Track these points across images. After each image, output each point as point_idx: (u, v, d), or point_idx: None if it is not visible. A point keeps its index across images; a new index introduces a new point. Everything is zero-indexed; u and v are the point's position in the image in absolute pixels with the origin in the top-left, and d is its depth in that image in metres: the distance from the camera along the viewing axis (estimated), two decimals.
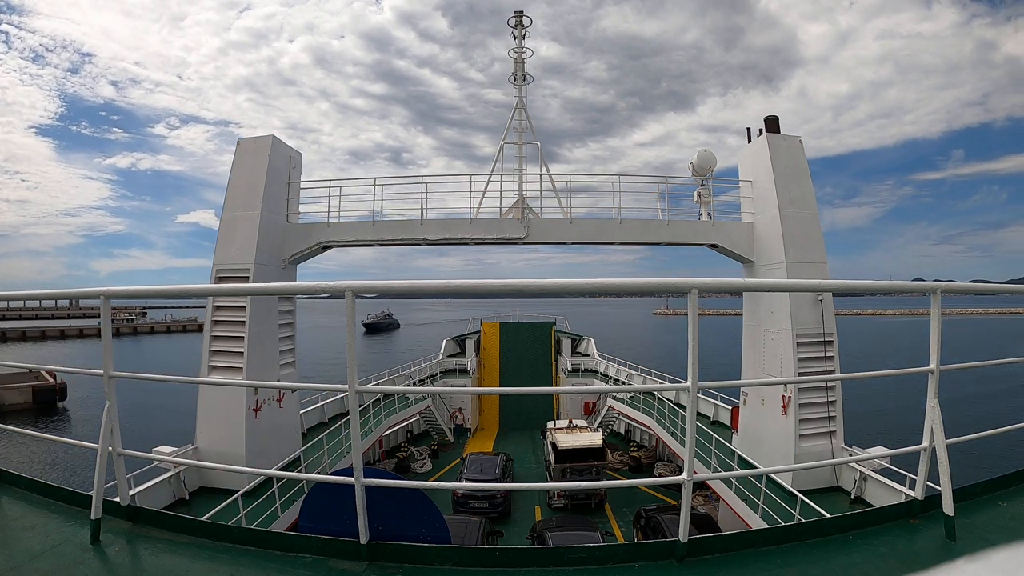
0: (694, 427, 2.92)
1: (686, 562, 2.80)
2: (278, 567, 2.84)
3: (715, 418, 20.57)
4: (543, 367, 35.26)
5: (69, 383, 43.64)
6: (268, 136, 15.21)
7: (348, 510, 2.86)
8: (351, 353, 2.80)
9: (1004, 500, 3.45)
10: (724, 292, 3.50)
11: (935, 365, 3.11)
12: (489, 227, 15.82)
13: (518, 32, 19.31)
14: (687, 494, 2.85)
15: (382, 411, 21.81)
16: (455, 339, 37.20)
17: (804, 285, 3.45)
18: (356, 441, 2.91)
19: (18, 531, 3.25)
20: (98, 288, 3.14)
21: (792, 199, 14.46)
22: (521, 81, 19.22)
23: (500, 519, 18.29)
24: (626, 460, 25.14)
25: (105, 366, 3.19)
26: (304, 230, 15.98)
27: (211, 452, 13.69)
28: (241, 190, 14.78)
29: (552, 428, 23.20)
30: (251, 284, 13.23)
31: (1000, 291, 4.00)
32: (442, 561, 2.83)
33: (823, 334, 13.79)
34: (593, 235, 15.97)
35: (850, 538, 3.03)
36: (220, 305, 14.14)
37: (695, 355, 2.77)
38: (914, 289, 3.26)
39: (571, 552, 2.85)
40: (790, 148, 15.04)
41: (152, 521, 3.31)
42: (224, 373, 13.91)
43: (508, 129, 19.00)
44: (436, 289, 3.15)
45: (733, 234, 15.77)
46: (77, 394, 44.10)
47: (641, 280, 3.00)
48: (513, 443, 28.30)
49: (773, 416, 14.24)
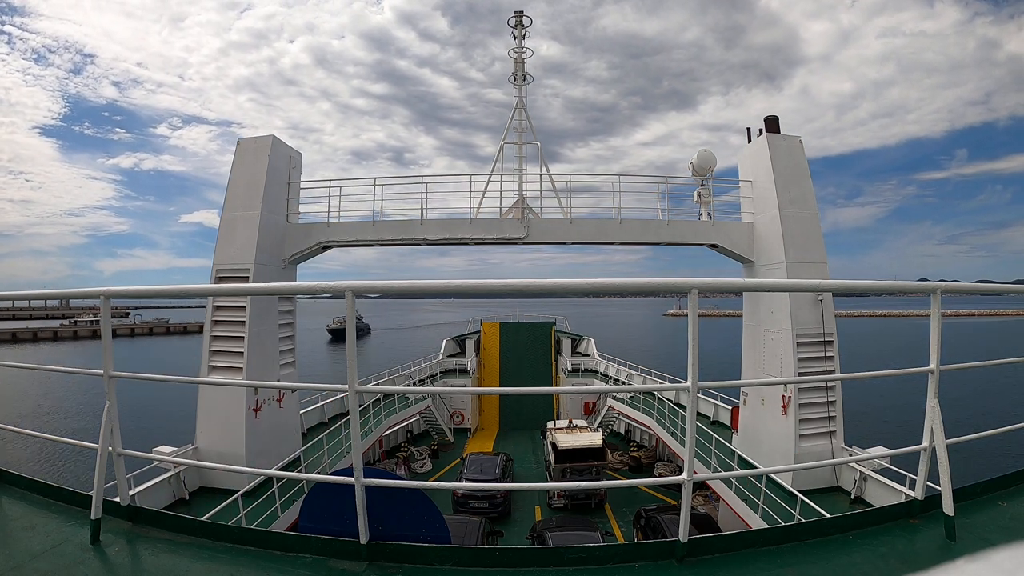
0: (694, 427, 2.92)
1: (686, 562, 2.80)
2: (278, 567, 2.84)
3: (715, 418, 20.58)
4: (543, 367, 35.26)
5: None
6: (268, 136, 15.20)
7: (348, 510, 2.86)
8: (351, 353, 2.80)
9: (1004, 500, 3.45)
10: (724, 292, 3.50)
11: (935, 365, 3.11)
12: (489, 227, 15.83)
13: (518, 32, 19.30)
14: (687, 494, 2.85)
15: (382, 411, 21.82)
16: (455, 339, 37.21)
17: (804, 285, 3.44)
18: (356, 441, 2.91)
19: (18, 531, 3.25)
20: (98, 288, 3.15)
21: (792, 199, 14.47)
22: (521, 81, 19.22)
23: (500, 519, 18.30)
24: (626, 460, 25.14)
25: (105, 366, 3.19)
26: (304, 230, 15.98)
27: (211, 452, 13.68)
28: (241, 190, 14.78)
29: (552, 428, 23.21)
30: (251, 284, 13.23)
31: (1003, 291, 3.96)
32: (442, 561, 2.83)
33: (823, 334, 13.79)
34: (593, 235, 15.97)
35: (850, 538, 3.03)
36: (220, 305, 14.15)
37: (695, 355, 2.77)
38: (914, 289, 3.26)
39: (571, 552, 2.85)
40: (790, 148, 15.05)
41: (152, 521, 3.31)
42: (224, 373, 13.90)
43: (508, 129, 19.00)
44: (437, 289, 3.15)
45: (733, 234, 15.78)
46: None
47: (642, 280, 3.00)
48: (513, 443, 28.32)
49: (773, 416, 14.24)
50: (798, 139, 15.32)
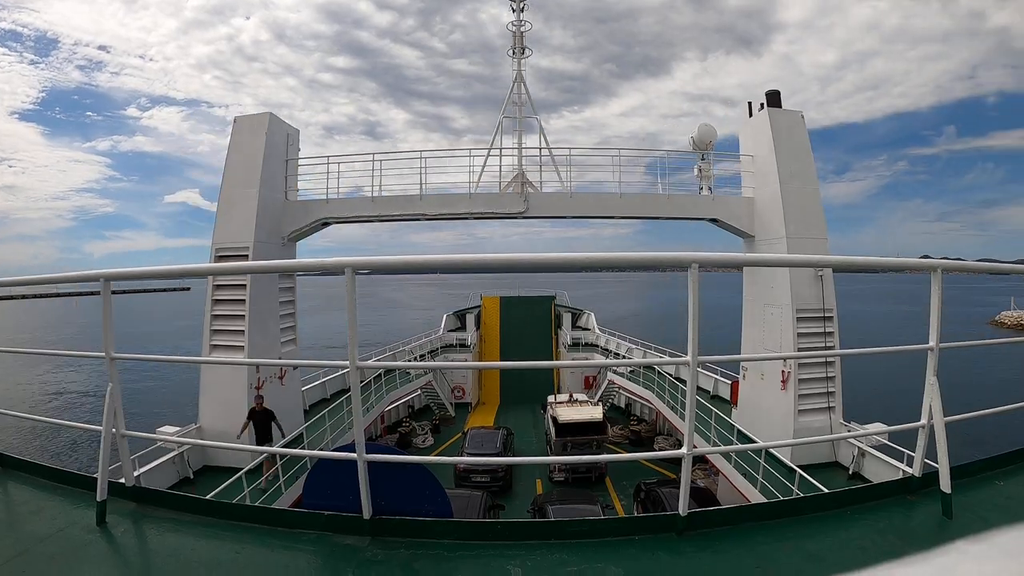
0: (694, 401, 2.92)
1: (686, 535, 2.83)
2: (282, 543, 2.87)
3: (715, 392, 20.70)
4: (543, 341, 35.30)
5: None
6: (265, 113, 15.10)
7: (351, 486, 2.88)
8: (352, 330, 2.80)
9: (1001, 479, 3.47)
10: (725, 267, 3.48)
11: (935, 343, 3.11)
12: (489, 201, 15.76)
13: (516, 5, 18.97)
14: (687, 468, 2.87)
15: (383, 387, 21.93)
16: (455, 314, 37.19)
17: (805, 260, 3.43)
18: (358, 417, 2.92)
19: (25, 515, 3.27)
20: (97, 271, 3.12)
21: (793, 174, 14.40)
22: (519, 54, 18.95)
23: (501, 493, 18.48)
24: (626, 434, 25.33)
25: (106, 348, 3.18)
26: (303, 207, 15.92)
27: (214, 431, 13.79)
28: (239, 168, 14.69)
29: (553, 402, 23.35)
30: (251, 263, 13.21)
31: (1006, 271, 3.89)
32: (445, 535, 2.86)
33: (823, 310, 13.83)
34: (593, 209, 15.93)
35: (848, 513, 3.05)
36: (220, 284, 14.15)
37: (696, 329, 2.76)
38: (915, 267, 3.24)
39: (572, 525, 2.88)
40: (791, 123, 14.96)
41: (157, 501, 3.33)
42: (225, 352, 13.96)
43: (507, 103, 18.79)
44: (436, 264, 3.13)
45: (734, 208, 15.73)
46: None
47: (641, 254, 2.97)
48: (514, 417, 28.45)
49: (772, 391, 14.33)
50: (799, 114, 15.23)
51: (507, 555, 2.69)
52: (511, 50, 19.05)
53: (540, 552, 2.70)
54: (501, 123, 18.43)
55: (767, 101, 15.34)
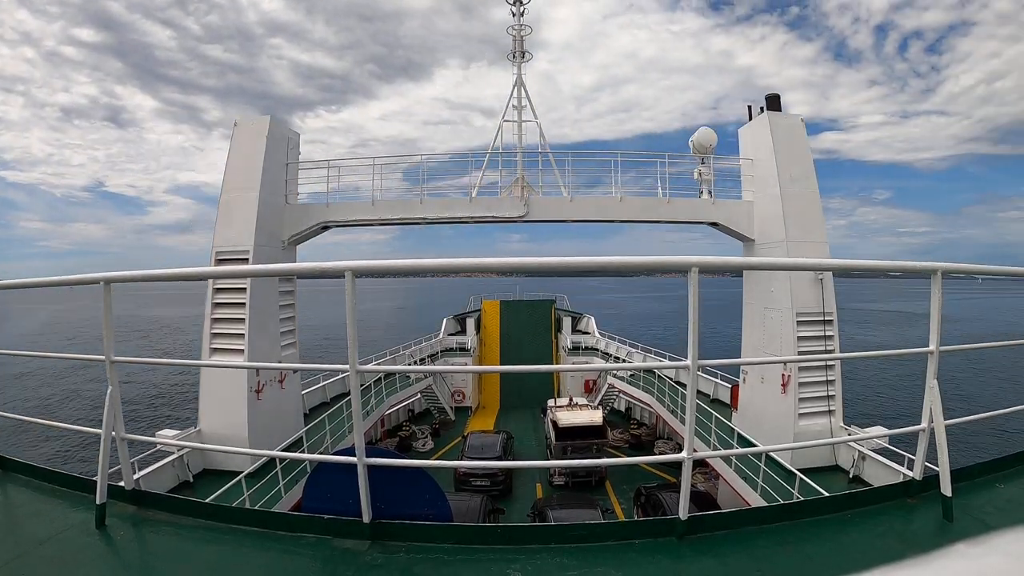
0: (694, 405, 2.92)
1: (686, 539, 2.82)
2: (282, 547, 2.87)
3: (715, 396, 20.67)
4: (544, 345, 35.29)
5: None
6: (265, 117, 15.16)
7: (351, 490, 2.88)
8: (352, 334, 2.80)
9: (1001, 482, 3.46)
10: (725, 271, 3.48)
11: (935, 346, 3.11)
12: (489, 205, 15.77)
13: (516, 9, 18.96)
14: (687, 472, 2.86)
15: (383, 390, 21.89)
16: (455, 317, 37.16)
17: (805, 264, 3.43)
18: (358, 421, 2.91)
19: (24, 518, 3.28)
20: (99, 274, 3.13)
21: (793, 178, 14.42)
22: (520, 58, 18.94)
23: (501, 497, 18.44)
24: (626, 438, 25.32)
25: (106, 351, 3.18)
26: (303, 211, 15.93)
27: (214, 435, 13.77)
28: (239, 172, 14.71)
29: (552, 406, 23.34)
30: (251, 266, 13.21)
31: (1006, 273, 3.90)
32: (444, 539, 2.86)
33: (823, 313, 13.81)
34: (593, 213, 15.92)
35: (848, 517, 3.05)
36: (220, 287, 14.15)
37: (696, 333, 2.76)
38: (915, 269, 3.25)
39: (572, 529, 2.88)
40: (791, 127, 14.98)
41: (157, 504, 3.33)
42: (225, 355, 13.93)
43: (507, 107, 18.79)
44: (437, 268, 3.13)
45: (733, 212, 15.74)
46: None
47: (641, 258, 2.96)
48: (514, 421, 28.43)
49: (772, 394, 14.31)
50: (799, 118, 15.24)
51: (507, 559, 2.68)
52: (511, 54, 19.05)
53: (540, 556, 2.70)
54: (501, 127, 18.45)
55: (767, 105, 15.38)
